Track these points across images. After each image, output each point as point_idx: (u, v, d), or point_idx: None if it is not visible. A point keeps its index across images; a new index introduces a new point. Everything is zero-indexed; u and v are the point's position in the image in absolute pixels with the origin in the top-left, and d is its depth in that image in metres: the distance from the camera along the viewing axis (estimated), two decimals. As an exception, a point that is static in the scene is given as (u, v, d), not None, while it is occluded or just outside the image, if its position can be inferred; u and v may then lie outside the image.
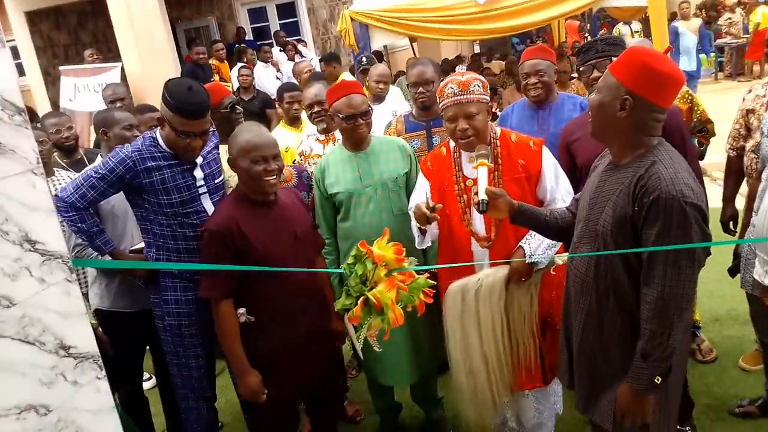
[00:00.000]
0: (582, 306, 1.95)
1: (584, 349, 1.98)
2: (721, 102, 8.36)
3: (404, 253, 1.74)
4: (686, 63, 9.26)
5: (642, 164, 1.77)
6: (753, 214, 2.71)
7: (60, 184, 3.42)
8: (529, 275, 2.41)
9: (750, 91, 3.04)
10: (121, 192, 2.48)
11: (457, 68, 2.20)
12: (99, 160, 2.93)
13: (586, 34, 11.84)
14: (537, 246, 2.40)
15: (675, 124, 2.65)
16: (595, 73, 2.79)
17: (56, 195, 2.42)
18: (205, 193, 2.52)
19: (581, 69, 2.96)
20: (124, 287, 2.83)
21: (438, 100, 2.46)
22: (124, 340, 2.88)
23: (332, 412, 2.74)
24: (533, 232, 2.37)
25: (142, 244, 2.61)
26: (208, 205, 2.51)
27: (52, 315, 1.27)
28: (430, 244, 2.60)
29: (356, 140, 2.80)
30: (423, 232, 2.46)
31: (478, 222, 2.47)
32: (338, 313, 1.82)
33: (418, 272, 1.72)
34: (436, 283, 1.88)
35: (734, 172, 3.13)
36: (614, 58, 2.63)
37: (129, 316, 2.84)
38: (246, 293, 2.34)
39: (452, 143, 2.56)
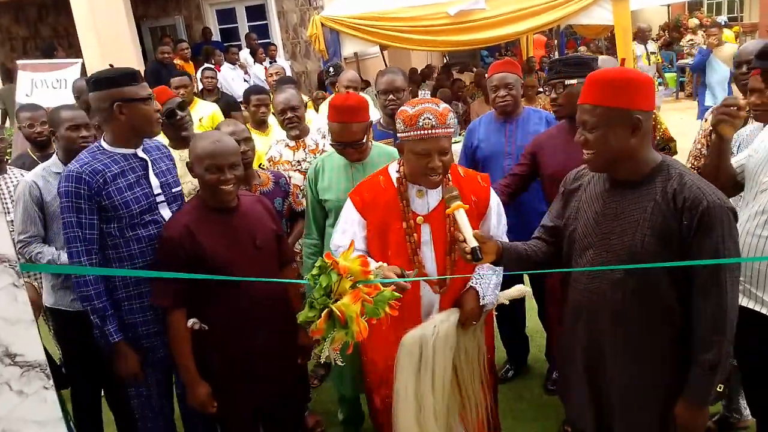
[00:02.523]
0: (618, 338, 1.84)
1: (629, 384, 1.85)
2: (680, 121, 8.62)
3: (370, 265, 1.71)
4: (711, 99, 7.07)
5: (666, 177, 1.74)
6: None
7: (12, 183, 3.28)
8: (479, 318, 2.25)
9: (713, 112, 3.09)
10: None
11: (419, 93, 2.01)
12: (54, 158, 2.81)
13: (555, 51, 12.06)
14: (487, 286, 2.25)
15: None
16: (552, 94, 2.79)
17: (73, 281, 2.31)
18: (163, 201, 2.41)
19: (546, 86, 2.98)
20: (69, 283, 2.64)
21: (404, 127, 2.12)
22: (72, 340, 2.77)
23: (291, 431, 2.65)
24: (480, 271, 2.26)
25: None
26: (167, 214, 2.41)
27: (-3, 322, 1.20)
28: None
29: (348, 159, 2.70)
30: None
31: (430, 264, 2.22)
32: (301, 325, 1.77)
33: (384, 285, 1.69)
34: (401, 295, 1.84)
35: None
36: (574, 80, 2.67)
37: (73, 315, 2.67)
38: (200, 302, 2.27)
39: (393, 172, 2.28)
